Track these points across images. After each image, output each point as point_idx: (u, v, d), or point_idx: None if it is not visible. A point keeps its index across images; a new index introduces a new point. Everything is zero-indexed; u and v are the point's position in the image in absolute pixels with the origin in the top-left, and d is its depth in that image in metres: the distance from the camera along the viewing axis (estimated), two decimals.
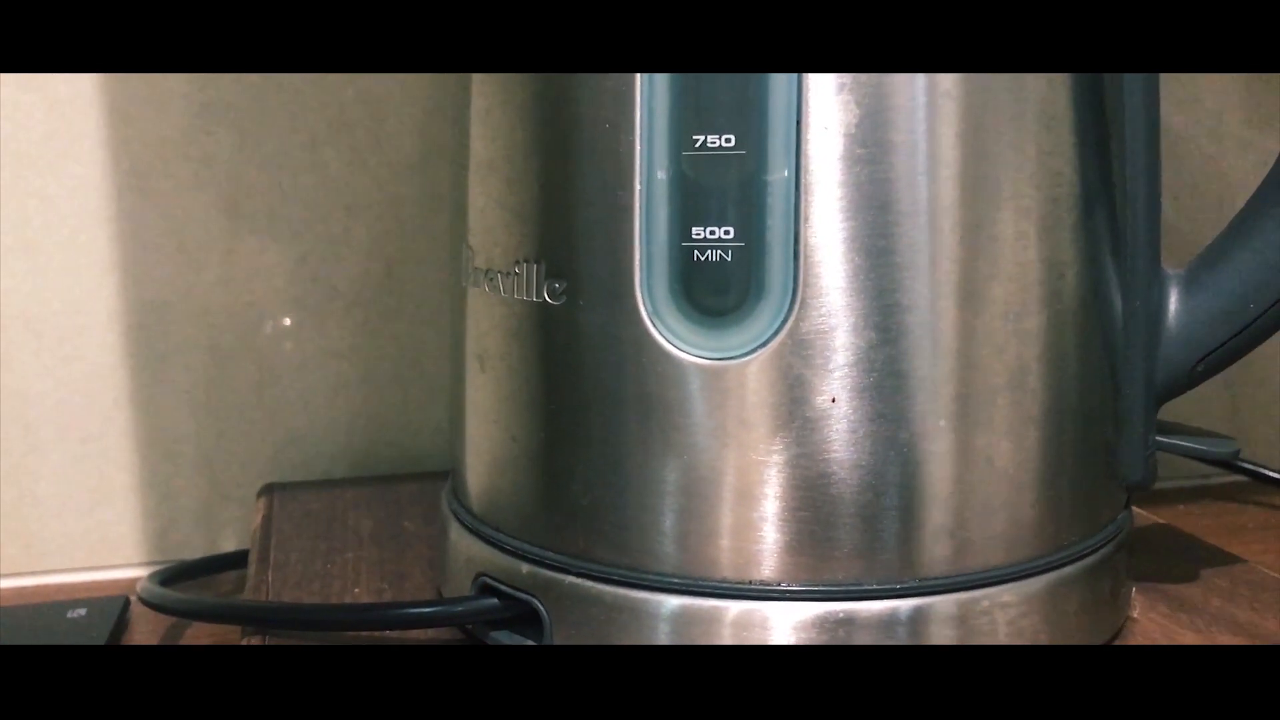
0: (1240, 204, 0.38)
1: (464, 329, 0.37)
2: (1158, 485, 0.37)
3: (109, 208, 0.52)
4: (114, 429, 0.54)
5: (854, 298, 0.31)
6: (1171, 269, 0.37)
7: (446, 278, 0.52)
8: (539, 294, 0.34)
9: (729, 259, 0.32)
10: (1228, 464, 0.56)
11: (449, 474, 0.41)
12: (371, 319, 0.55)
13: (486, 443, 0.37)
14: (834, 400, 0.32)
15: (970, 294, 0.32)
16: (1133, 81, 0.34)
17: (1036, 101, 0.32)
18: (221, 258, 0.54)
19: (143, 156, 0.52)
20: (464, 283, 0.37)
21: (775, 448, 0.32)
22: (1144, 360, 0.36)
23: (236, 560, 0.51)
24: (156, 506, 0.54)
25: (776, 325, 0.31)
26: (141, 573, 0.52)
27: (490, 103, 0.35)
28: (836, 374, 0.32)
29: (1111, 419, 0.36)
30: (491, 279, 0.35)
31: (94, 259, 0.52)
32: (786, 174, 0.31)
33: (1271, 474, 0.57)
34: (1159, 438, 0.37)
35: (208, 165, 0.53)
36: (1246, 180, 0.59)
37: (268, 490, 0.52)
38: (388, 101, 0.54)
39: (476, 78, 0.36)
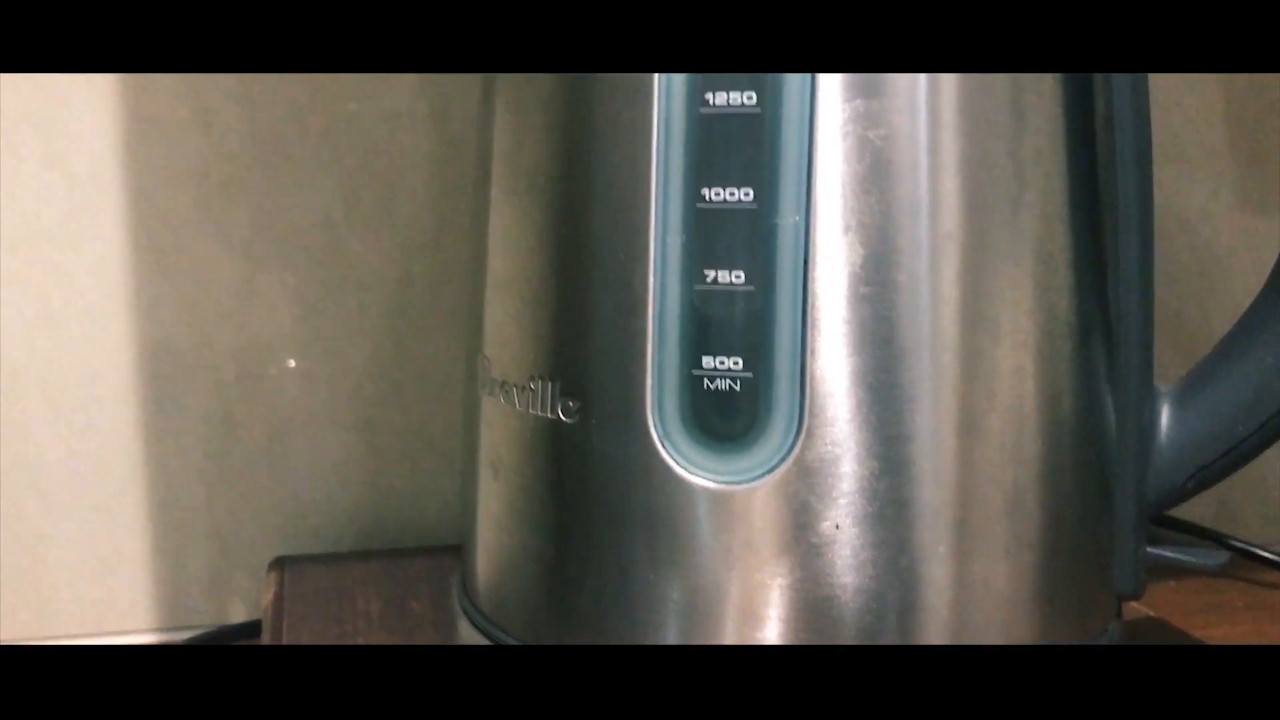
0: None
1: (478, 435, 0.38)
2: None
3: (127, 283, 0.53)
4: (126, 498, 0.55)
5: (858, 429, 0.32)
6: (1163, 386, 0.38)
7: (455, 349, 0.53)
8: (553, 411, 0.35)
9: (738, 388, 0.33)
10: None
11: (456, 551, 0.42)
12: (382, 392, 0.56)
13: (498, 549, 0.38)
14: (838, 526, 0.33)
15: (969, 425, 0.33)
16: (1128, 216, 0.35)
17: (1033, 240, 0.34)
18: (235, 332, 0.55)
19: (160, 233, 0.53)
20: (480, 391, 0.38)
21: (780, 571, 0.33)
22: (1136, 478, 0.37)
23: (247, 631, 0.52)
24: (167, 574, 0.55)
25: (783, 453, 0.33)
26: (152, 639, 0.53)
27: (509, 224, 0.36)
28: (841, 501, 0.33)
29: (1106, 536, 0.37)
30: (507, 391, 0.36)
31: (111, 333, 0.53)
32: (794, 310, 0.32)
33: (1259, 551, 0.58)
34: (1149, 549, 0.38)
35: (224, 242, 0.54)
36: (1238, 262, 0.61)
37: (278, 564, 0.53)
38: (400, 181, 0.55)
39: (495, 199, 0.37)
